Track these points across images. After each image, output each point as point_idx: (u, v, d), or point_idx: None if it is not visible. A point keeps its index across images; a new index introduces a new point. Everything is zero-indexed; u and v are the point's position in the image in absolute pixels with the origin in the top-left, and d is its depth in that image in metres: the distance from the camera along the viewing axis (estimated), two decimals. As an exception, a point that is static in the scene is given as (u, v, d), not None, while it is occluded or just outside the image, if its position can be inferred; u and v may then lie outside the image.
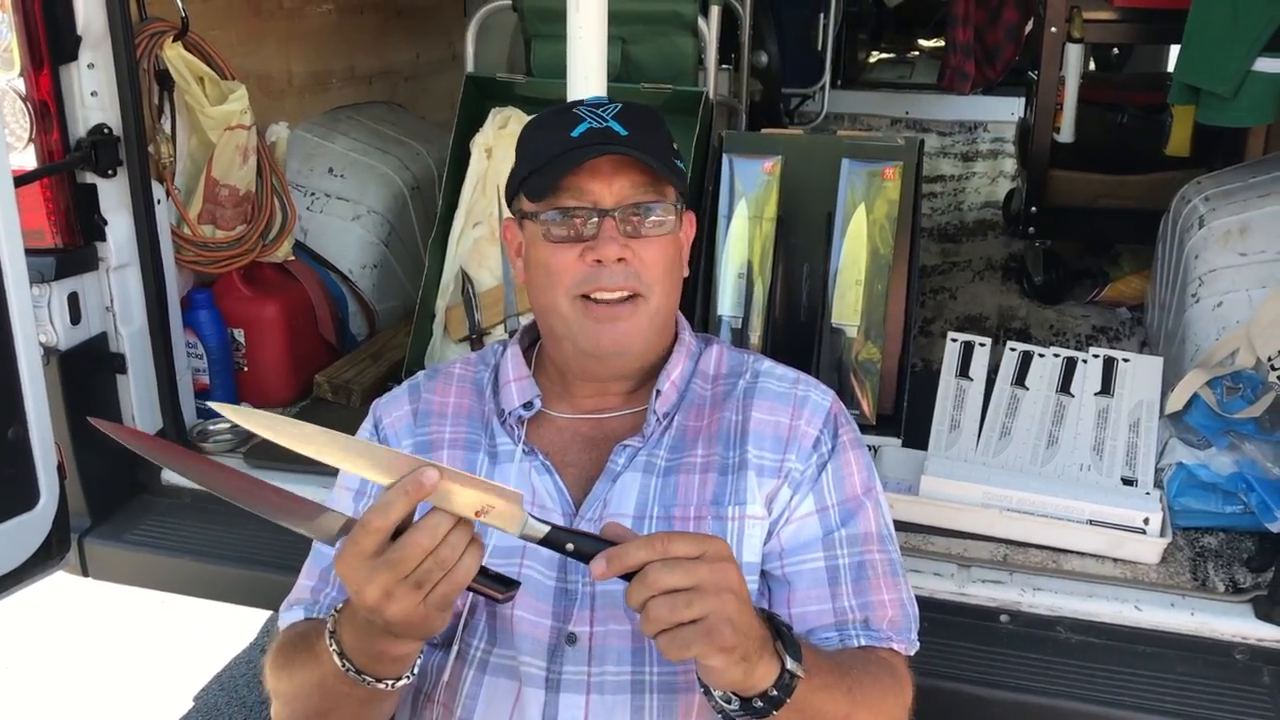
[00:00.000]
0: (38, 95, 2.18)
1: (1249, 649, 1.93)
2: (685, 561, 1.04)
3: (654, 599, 1.03)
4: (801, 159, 2.59)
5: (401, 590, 1.04)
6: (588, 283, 1.31)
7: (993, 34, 5.05)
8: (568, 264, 1.31)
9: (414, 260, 3.26)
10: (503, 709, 1.30)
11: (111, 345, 2.38)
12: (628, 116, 1.33)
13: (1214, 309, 2.49)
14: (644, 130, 1.33)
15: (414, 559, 1.03)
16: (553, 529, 1.10)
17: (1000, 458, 2.29)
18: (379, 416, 1.47)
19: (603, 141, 1.30)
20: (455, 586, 1.06)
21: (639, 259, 1.31)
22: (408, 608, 1.05)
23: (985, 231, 4.22)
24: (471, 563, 1.06)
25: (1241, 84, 2.56)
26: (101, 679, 3.25)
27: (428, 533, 1.03)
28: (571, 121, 1.33)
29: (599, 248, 1.29)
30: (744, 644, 1.06)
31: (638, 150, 1.30)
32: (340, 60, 3.60)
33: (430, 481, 1.03)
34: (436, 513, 1.04)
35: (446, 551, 1.04)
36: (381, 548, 1.04)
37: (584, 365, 1.38)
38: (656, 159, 1.31)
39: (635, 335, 1.33)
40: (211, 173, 2.63)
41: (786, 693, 1.10)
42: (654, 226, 1.32)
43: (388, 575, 1.04)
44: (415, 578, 1.04)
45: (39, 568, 1.96)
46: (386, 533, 1.04)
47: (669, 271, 1.35)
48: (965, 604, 2.04)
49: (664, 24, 3.02)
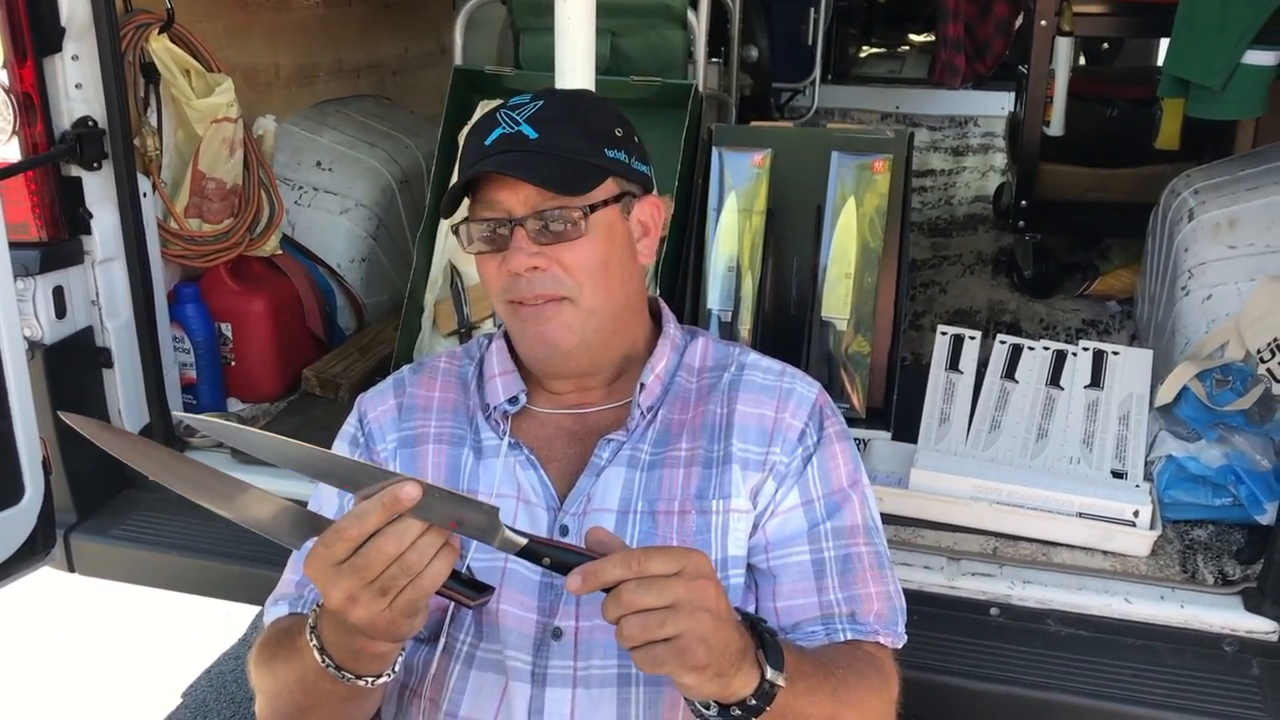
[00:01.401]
0: (21, 87, 2.16)
1: (1238, 641, 1.94)
2: (661, 580, 1.02)
3: (627, 617, 1.02)
4: (791, 152, 2.58)
5: (366, 595, 1.04)
6: (509, 291, 1.31)
7: (983, 28, 5.04)
8: (491, 273, 1.32)
9: (402, 254, 3.25)
10: (489, 703, 1.30)
11: (97, 339, 2.37)
12: (542, 115, 1.30)
13: (1203, 302, 2.49)
14: (558, 128, 1.29)
15: (378, 565, 1.02)
16: (530, 541, 1.09)
17: (990, 451, 2.29)
18: (364, 411, 1.46)
19: (509, 148, 1.28)
20: (421, 593, 1.05)
21: (559, 263, 1.29)
22: (373, 613, 1.05)
23: (975, 225, 4.22)
24: (440, 568, 1.05)
25: (1231, 77, 2.56)
26: (88, 675, 3.24)
27: (394, 539, 1.02)
28: (490, 127, 1.31)
29: (510, 259, 1.28)
30: (718, 661, 1.05)
31: (542, 156, 1.27)
32: (328, 53, 3.58)
33: (409, 497, 1.02)
34: (406, 519, 1.03)
35: (413, 558, 1.03)
36: (350, 555, 1.03)
37: (538, 366, 1.38)
38: (568, 158, 1.28)
39: (566, 334, 1.31)
40: (198, 166, 2.61)
41: (766, 701, 1.09)
42: (570, 229, 1.29)
43: (352, 580, 1.03)
44: (380, 584, 1.03)
45: (24, 563, 1.96)
46: (358, 541, 1.03)
47: (601, 268, 1.31)
48: (955, 597, 2.04)
49: (653, 17, 3.00)
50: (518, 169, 1.27)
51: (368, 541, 1.03)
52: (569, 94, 1.39)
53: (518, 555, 1.09)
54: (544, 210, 1.28)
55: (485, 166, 1.28)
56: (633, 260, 1.38)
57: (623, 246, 1.35)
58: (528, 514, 1.33)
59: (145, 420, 2.44)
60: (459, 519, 1.06)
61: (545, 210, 1.28)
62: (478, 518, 1.07)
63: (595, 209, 1.30)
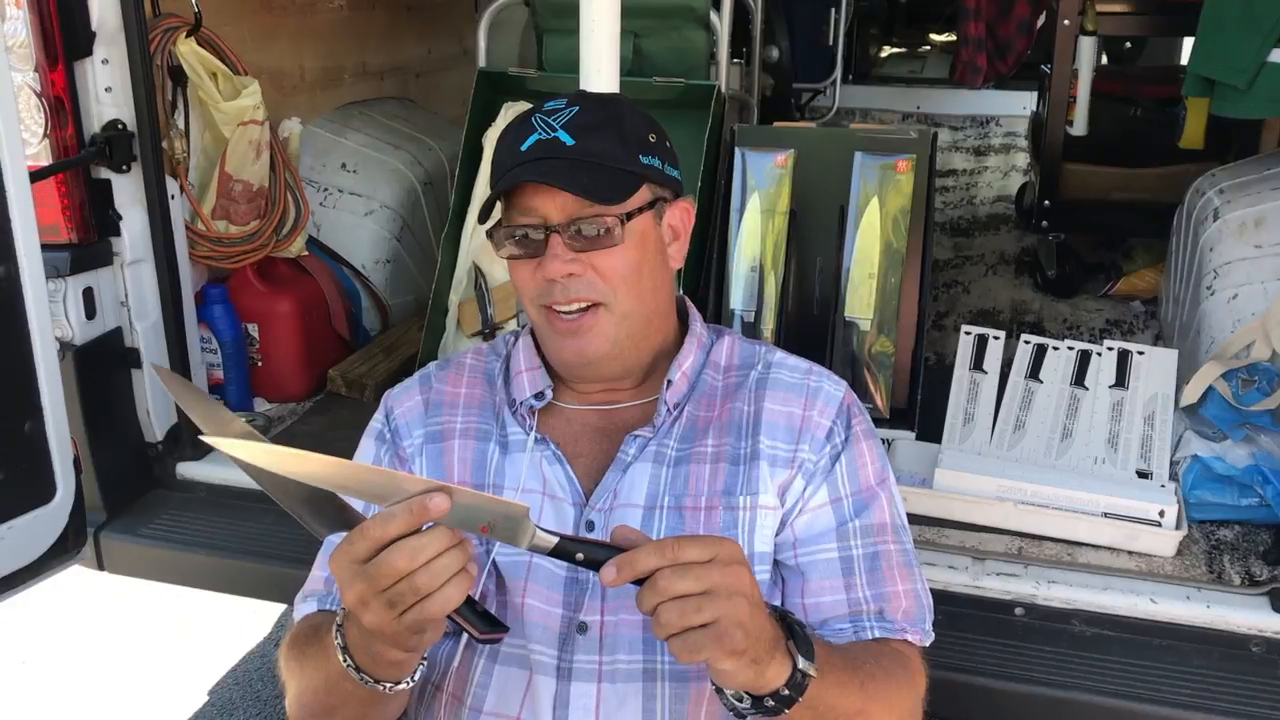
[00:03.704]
0: (52, 91, 2.19)
1: (1265, 641, 1.92)
2: (696, 566, 1.03)
3: (664, 604, 1.03)
4: (814, 153, 2.58)
5: (376, 604, 1.04)
6: (544, 296, 1.31)
7: (1005, 28, 5.03)
8: (525, 279, 1.32)
9: (427, 255, 3.27)
10: (513, 698, 1.30)
11: (126, 340, 2.38)
12: (579, 122, 1.30)
13: (1229, 301, 2.48)
14: (595, 135, 1.30)
15: (388, 578, 1.02)
16: (561, 540, 1.09)
17: (1014, 451, 2.28)
18: (390, 407, 1.47)
19: (546, 155, 1.28)
20: (427, 615, 1.04)
21: (594, 269, 1.30)
22: (381, 621, 1.05)
23: (998, 225, 4.21)
24: (451, 594, 1.04)
25: (1256, 75, 2.54)
26: (117, 673, 3.27)
27: (406, 555, 1.02)
28: (524, 133, 1.31)
29: (545, 265, 1.29)
30: (754, 647, 1.06)
31: (580, 164, 1.28)
32: (352, 56, 3.60)
33: (438, 508, 1.02)
34: (427, 534, 1.03)
35: (424, 578, 1.02)
36: (372, 556, 1.03)
37: (569, 372, 1.39)
38: (606, 165, 1.29)
39: (600, 343, 1.32)
40: (225, 168, 2.63)
41: (799, 691, 1.10)
42: (606, 236, 1.30)
43: (364, 585, 1.04)
44: (388, 596, 1.03)
45: (55, 561, 1.97)
46: (380, 543, 1.03)
47: (634, 274, 1.32)
48: (980, 597, 2.03)
49: (676, 18, 3.01)
50: (557, 178, 1.27)
51: (383, 552, 1.02)
52: (603, 99, 1.40)
53: (549, 554, 1.09)
54: (581, 218, 1.29)
55: (525, 175, 1.28)
56: (664, 265, 1.39)
57: (655, 252, 1.36)
58: (554, 509, 1.34)
59: (172, 421, 2.46)
60: (490, 524, 1.06)
61: (583, 218, 1.29)
62: (508, 520, 1.07)
63: (631, 216, 1.31)
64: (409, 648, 1.11)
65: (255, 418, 2.66)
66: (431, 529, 1.03)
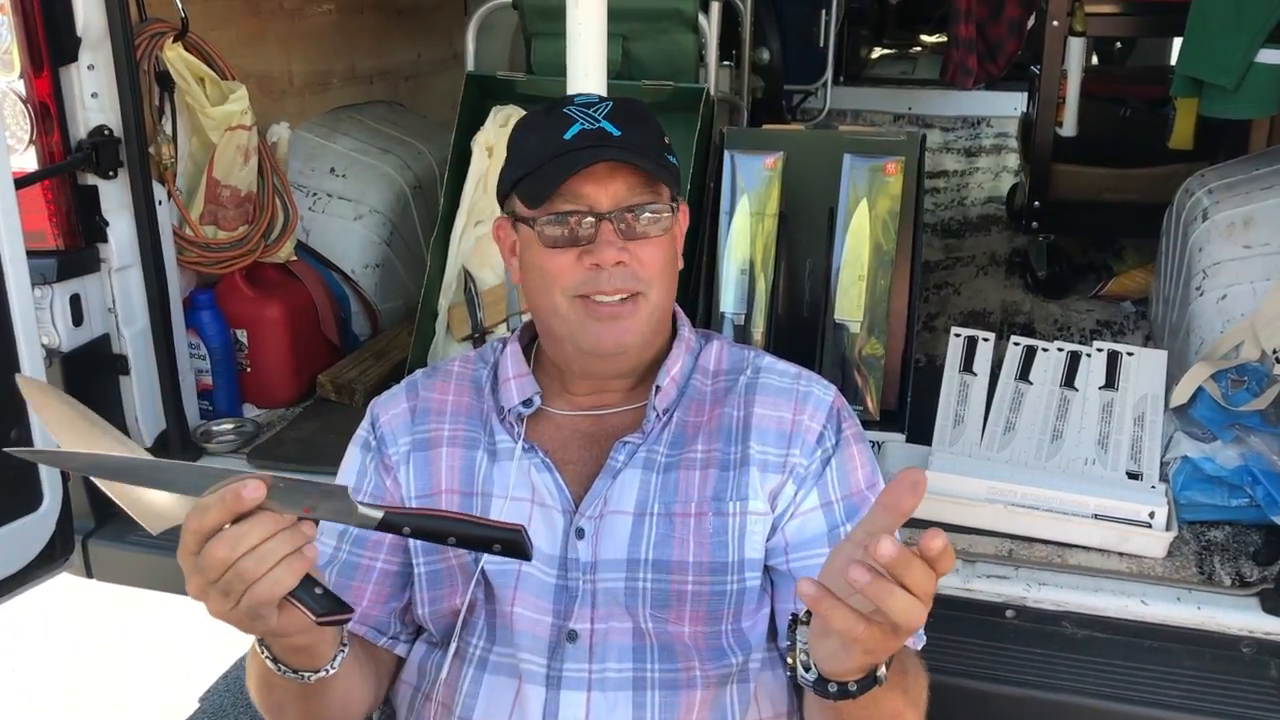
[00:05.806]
0: (38, 97, 2.18)
1: (1256, 643, 1.92)
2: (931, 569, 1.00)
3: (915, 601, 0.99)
4: (803, 155, 2.58)
5: (213, 594, 1.04)
6: (586, 285, 1.30)
7: (995, 29, 5.03)
8: (565, 267, 1.31)
9: (416, 259, 3.25)
10: (503, 707, 1.30)
11: (114, 346, 2.38)
12: (619, 115, 1.32)
13: (1218, 302, 2.48)
14: (636, 128, 1.32)
15: (214, 569, 1.02)
16: (386, 513, 1.08)
17: (1005, 453, 2.28)
18: (375, 415, 1.46)
19: (597, 144, 1.29)
20: (260, 599, 1.03)
21: (636, 259, 1.30)
22: (221, 610, 1.05)
23: (988, 226, 4.21)
24: (281, 576, 1.02)
25: (1244, 76, 2.55)
26: (106, 681, 3.26)
27: (226, 545, 1.01)
28: (563, 123, 1.31)
29: (597, 252, 1.29)
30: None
31: (632, 151, 1.29)
32: (341, 60, 3.59)
33: (250, 495, 1.01)
34: (248, 521, 1.02)
35: (249, 564, 1.01)
36: (200, 548, 1.03)
37: (584, 364, 1.37)
38: (651, 158, 1.30)
39: (635, 333, 1.33)
40: (213, 173, 2.62)
41: (864, 689, 1.09)
42: (650, 226, 1.31)
43: (199, 577, 1.04)
44: (220, 586, 1.03)
45: (43, 569, 1.97)
46: (202, 535, 1.02)
47: (666, 268, 1.34)
48: (970, 599, 2.03)
49: (665, 21, 3.00)
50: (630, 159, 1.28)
51: (207, 544, 1.02)
52: (626, 98, 1.40)
53: (378, 529, 1.09)
54: (635, 205, 1.30)
55: (596, 156, 1.27)
56: (677, 263, 1.40)
57: (675, 248, 1.39)
58: (543, 517, 1.33)
59: (161, 427, 2.45)
60: (311, 505, 1.05)
61: (636, 205, 1.30)
62: (330, 501, 1.06)
63: (675, 208, 1.34)
64: (258, 633, 1.11)
65: (244, 423, 2.65)
66: (255, 515, 1.02)
